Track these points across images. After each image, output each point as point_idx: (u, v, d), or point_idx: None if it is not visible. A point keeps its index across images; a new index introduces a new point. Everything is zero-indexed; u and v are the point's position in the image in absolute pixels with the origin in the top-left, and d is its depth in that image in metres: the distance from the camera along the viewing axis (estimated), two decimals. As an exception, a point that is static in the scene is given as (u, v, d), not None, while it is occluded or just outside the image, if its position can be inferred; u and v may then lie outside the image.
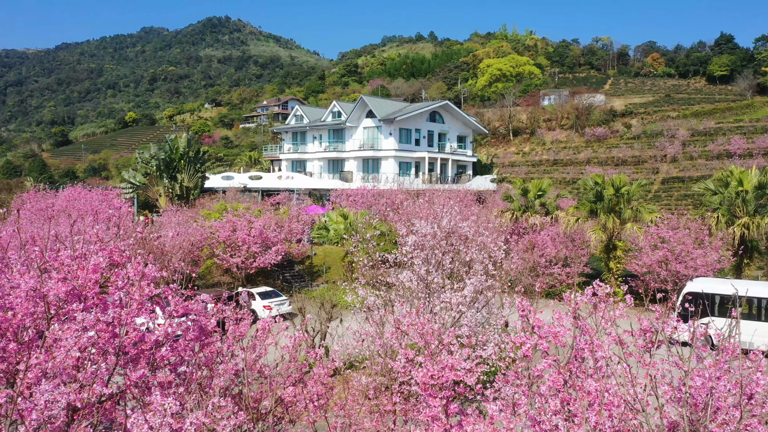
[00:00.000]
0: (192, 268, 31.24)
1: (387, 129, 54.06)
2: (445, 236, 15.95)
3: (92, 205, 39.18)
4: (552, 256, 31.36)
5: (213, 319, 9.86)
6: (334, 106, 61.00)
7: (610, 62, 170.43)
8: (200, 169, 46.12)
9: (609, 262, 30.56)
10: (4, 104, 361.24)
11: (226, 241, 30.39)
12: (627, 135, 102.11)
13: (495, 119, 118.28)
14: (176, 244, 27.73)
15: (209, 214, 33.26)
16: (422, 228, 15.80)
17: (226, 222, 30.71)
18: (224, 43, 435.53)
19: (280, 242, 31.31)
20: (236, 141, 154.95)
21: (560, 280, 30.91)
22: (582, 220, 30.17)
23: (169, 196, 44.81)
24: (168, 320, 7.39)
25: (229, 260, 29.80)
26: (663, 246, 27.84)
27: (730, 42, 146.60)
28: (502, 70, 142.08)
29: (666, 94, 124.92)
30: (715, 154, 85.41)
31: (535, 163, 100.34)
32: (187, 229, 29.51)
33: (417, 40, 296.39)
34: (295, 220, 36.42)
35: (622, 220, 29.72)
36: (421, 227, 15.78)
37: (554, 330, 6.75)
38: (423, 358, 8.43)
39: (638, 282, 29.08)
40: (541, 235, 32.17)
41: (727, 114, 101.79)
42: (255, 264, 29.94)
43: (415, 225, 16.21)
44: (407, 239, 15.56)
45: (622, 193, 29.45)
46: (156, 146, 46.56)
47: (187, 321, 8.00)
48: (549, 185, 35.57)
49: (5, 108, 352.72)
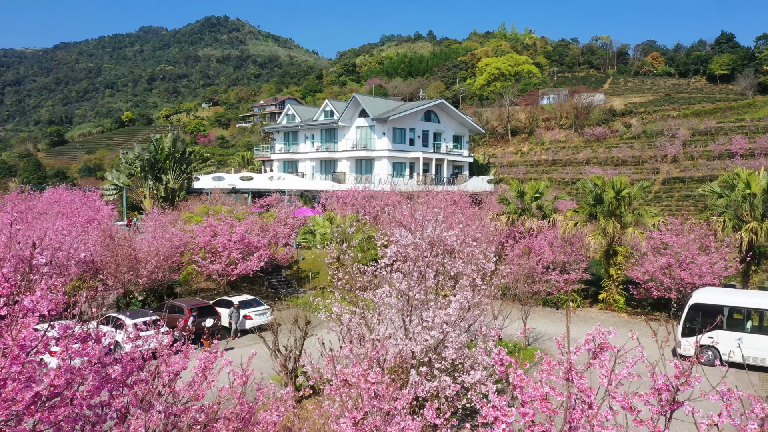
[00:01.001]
0: (171, 275, 29.81)
1: (380, 128, 52.52)
2: (430, 246, 14.44)
3: (72, 208, 37.66)
4: (549, 261, 29.85)
5: (149, 344, 8.34)
6: (326, 105, 59.39)
7: (610, 61, 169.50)
8: (186, 170, 44.56)
9: (609, 269, 29.02)
10: (1, 104, 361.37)
11: (206, 247, 28.84)
12: (627, 135, 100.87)
13: (493, 119, 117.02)
14: (152, 251, 26.21)
15: (191, 217, 31.72)
16: (403, 238, 14.30)
17: (206, 226, 29.15)
18: (223, 42, 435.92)
19: (264, 248, 29.73)
20: (232, 141, 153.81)
21: (558, 287, 29.40)
22: (581, 224, 28.61)
23: (154, 198, 43.28)
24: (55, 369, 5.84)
25: (209, 267, 28.21)
26: (666, 252, 26.31)
27: (730, 41, 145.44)
28: (500, 69, 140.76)
29: (666, 94, 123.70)
30: (716, 154, 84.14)
31: (533, 163, 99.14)
32: (164, 233, 27.97)
33: (416, 40, 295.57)
34: (282, 224, 34.90)
35: (623, 225, 28.17)
36: (402, 237, 14.27)
37: (542, 392, 5.13)
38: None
39: (640, 290, 27.59)
40: (537, 240, 30.63)
41: (728, 113, 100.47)
42: (236, 271, 28.34)
43: (395, 234, 14.69)
44: (387, 250, 14.06)
45: (623, 195, 27.91)
46: (140, 146, 44.99)
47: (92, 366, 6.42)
48: (546, 187, 33.99)
49: (3, 108, 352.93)
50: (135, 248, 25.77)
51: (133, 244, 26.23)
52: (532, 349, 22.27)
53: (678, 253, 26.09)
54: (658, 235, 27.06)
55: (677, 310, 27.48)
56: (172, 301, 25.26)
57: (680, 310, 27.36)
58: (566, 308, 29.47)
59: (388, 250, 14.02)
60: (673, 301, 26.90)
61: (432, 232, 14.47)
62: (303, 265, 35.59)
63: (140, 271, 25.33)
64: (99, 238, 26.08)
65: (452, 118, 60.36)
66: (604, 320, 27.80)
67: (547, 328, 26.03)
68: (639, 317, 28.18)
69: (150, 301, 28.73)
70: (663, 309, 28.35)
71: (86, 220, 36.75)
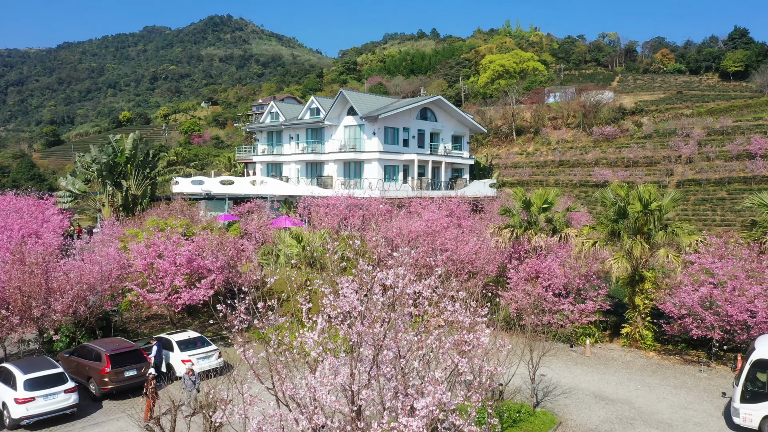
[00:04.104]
0: (105, 305, 24.87)
1: (370, 128, 47.38)
2: (390, 306, 9.42)
3: (7, 219, 32.79)
4: (560, 287, 24.78)
5: None
6: (312, 102, 54.20)
7: (617, 59, 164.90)
8: (150, 175, 39.58)
9: (634, 297, 23.81)
10: (4, 104, 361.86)
11: (146, 272, 23.86)
12: (638, 134, 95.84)
13: (497, 118, 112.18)
14: (72, 278, 21.22)
15: (137, 233, 26.74)
16: (344, 302, 9.24)
17: (146, 245, 24.17)
18: (226, 41, 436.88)
19: (218, 271, 24.73)
20: (227, 140, 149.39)
21: (571, 319, 24.31)
22: (600, 243, 23.46)
23: (113, 206, 38.33)
24: None
25: (147, 296, 23.22)
26: (707, 280, 21.19)
27: (744, 36, 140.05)
28: (505, 66, 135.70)
29: (677, 91, 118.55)
30: (734, 155, 79.13)
31: (539, 164, 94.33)
32: (91, 255, 22.98)
33: (419, 38, 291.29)
34: (252, 237, 29.95)
35: (651, 245, 23.05)
36: (345, 300, 9.23)
37: None
38: None
39: (674, 326, 22.44)
40: (547, 261, 25.54)
41: (744, 111, 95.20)
42: (180, 301, 23.31)
43: (341, 289, 9.66)
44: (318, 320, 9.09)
45: (651, 209, 22.77)
46: (97, 148, 40.01)
47: None
48: (556, 196, 28.86)
49: (5, 108, 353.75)
50: (49, 275, 20.81)
51: (51, 269, 21.24)
52: (542, 414, 17.19)
53: (722, 282, 20.98)
54: (696, 258, 21.92)
55: (721, 351, 22.36)
56: (87, 344, 20.24)
57: (722, 348, 22.25)
58: (583, 345, 24.36)
59: (318, 322, 9.06)
60: (714, 340, 21.77)
61: (396, 283, 9.42)
62: (274, 286, 30.57)
63: (54, 304, 20.34)
64: (9, 261, 21.17)
65: (451, 116, 55.23)
66: (630, 362, 22.69)
67: (560, 375, 20.93)
68: (672, 358, 23.05)
69: (80, 336, 23.82)
70: (700, 346, 23.19)
71: (26, 233, 31.96)
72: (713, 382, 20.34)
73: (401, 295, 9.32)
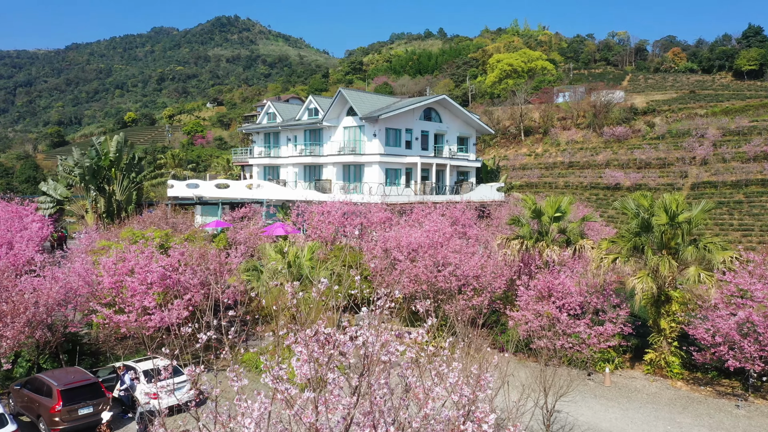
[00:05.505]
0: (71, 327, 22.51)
1: (371, 129, 44.86)
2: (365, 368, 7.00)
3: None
4: (576, 307, 22.21)
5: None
6: (310, 102, 51.67)
7: (628, 58, 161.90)
8: (135, 180, 37.28)
9: (659, 320, 21.19)
10: (13, 105, 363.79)
11: (114, 290, 21.47)
12: (650, 134, 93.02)
13: (505, 118, 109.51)
14: (26, 299, 18.85)
15: (109, 246, 24.35)
16: (302, 361, 6.83)
17: (115, 261, 21.78)
18: (233, 42, 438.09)
19: (195, 289, 22.31)
20: (231, 141, 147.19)
21: (588, 343, 21.72)
22: (621, 260, 20.86)
23: (96, 212, 36.02)
24: None
25: (114, 318, 20.84)
26: (745, 302, 18.61)
27: (759, 34, 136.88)
28: (513, 66, 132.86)
29: (690, 91, 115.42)
30: (751, 156, 76.46)
31: (548, 166, 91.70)
32: (51, 271, 20.59)
33: (426, 37, 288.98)
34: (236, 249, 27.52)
35: (680, 262, 20.46)
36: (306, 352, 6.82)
37: None
38: None
39: (707, 355, 19.81)
40: (561, 277, 22.96)
41: (761, 111, 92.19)
42: (151, 324, 20.90)
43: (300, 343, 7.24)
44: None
45: (679, 221, 20.17)
46: (79, 151, 37.72)
47: None
48: (570, 203, 26.35)
49: (14, 109, 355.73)
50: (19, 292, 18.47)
51: (3, 289, 18.88)
52: (558, 466, 14.67)
53: (762, 306, 18.37)
54: (732, 277, 19.30)
55: (759, 381, 19.75)
56: (39, 375, 17.83)
57: (761, 379, 19.63)
58: (602, 372, 21.77)
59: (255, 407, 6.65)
60: (752, 370, 19.14)
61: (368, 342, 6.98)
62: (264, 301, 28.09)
63: (2, 330, 17.98)
64: None
65: (456, 116, 52.64)
66: (656, 394, 20.09)
67: (578, 412, 18.35)
68: (703, 389, 20.39)
69: (42, 362, 21.49)
70: (734, 375, 20.51)
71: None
72: (754, 422, 17.71)
73: (375, 361, 6.86)
